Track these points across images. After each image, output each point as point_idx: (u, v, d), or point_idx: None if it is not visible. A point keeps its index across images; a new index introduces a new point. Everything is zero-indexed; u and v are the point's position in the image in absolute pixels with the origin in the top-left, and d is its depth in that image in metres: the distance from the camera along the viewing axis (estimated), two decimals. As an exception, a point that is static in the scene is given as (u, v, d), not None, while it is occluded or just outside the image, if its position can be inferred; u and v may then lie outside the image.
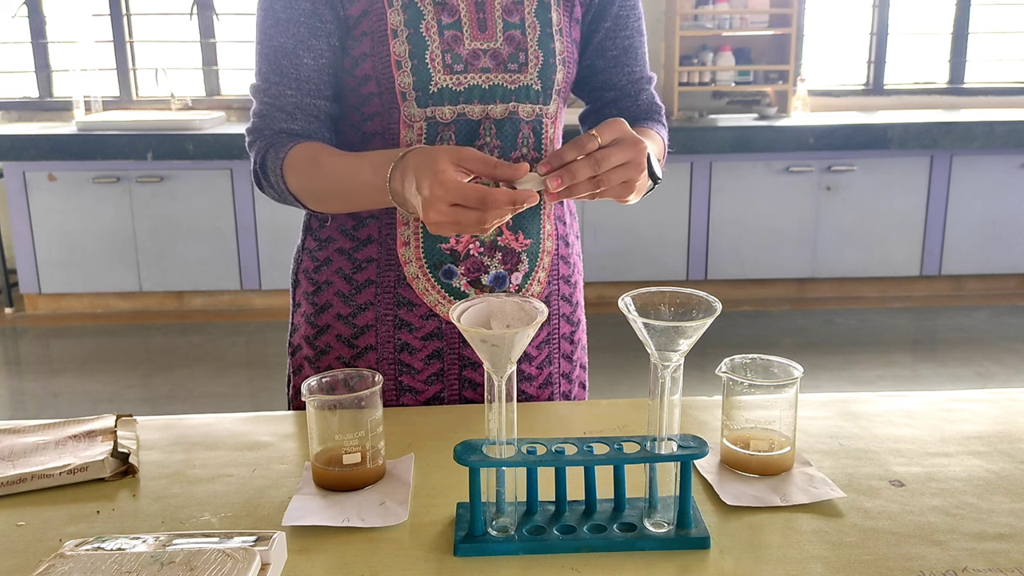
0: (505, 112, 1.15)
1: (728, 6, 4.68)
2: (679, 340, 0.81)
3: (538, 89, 1.16)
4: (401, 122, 1.14)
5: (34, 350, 4.29)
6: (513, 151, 1.17)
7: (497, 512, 0.86)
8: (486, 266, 1.18)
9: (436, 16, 1.12)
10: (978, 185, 4.52)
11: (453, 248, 1.17)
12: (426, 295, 1.19)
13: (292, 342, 1.29)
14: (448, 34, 1.13)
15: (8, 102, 4.95)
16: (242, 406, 3.47)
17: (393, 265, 1.19)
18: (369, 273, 1.20)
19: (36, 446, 1.06)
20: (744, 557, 0.83)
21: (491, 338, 0.80)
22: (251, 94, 1.17)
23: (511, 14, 1.15)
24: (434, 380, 1.22)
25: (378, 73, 1.12)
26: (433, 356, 1.21)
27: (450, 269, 1.18)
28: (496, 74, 1.14)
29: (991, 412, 1.15)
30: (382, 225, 1.19)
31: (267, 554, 0.79)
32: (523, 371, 1.25)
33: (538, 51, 1.15)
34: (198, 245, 4.44)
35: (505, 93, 1.15)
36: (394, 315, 1.20)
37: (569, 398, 1.32)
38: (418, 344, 1.20)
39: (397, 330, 1.20)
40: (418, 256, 1.18)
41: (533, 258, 1.21)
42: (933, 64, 5.11)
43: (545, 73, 1.16)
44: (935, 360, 3.95)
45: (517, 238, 1.19)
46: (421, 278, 1.18)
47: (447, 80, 1.12)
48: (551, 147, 1.21)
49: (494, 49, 1.14)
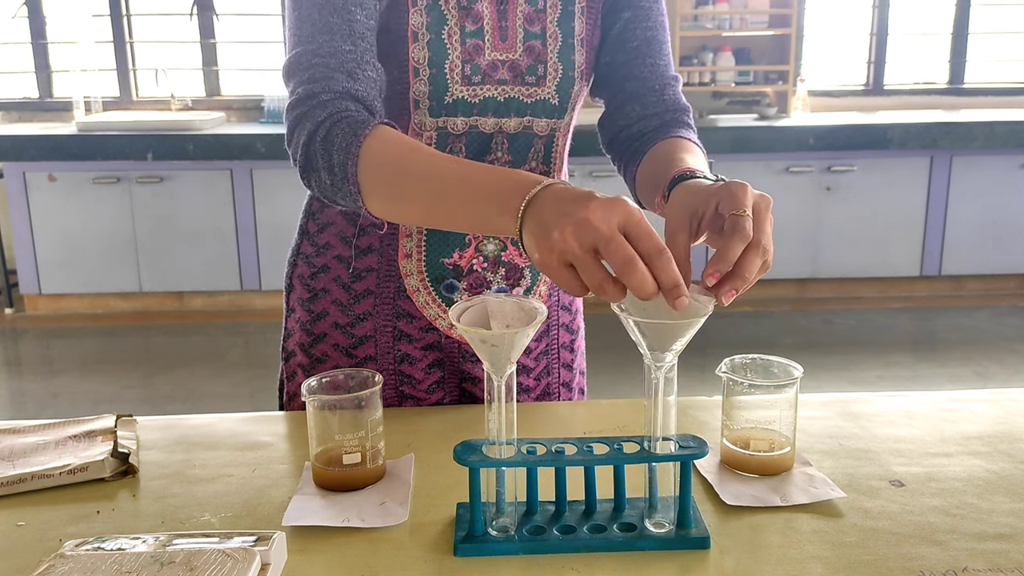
0: (519, 126, 1.11)
1: (728, 6, 4.68)
2: (671, 339, 0.80)
3: (555, 103, 1.12)
4: (410, 129, 1.10)
5: (34, 350, 4.29)
6: (523, 165, 1.13)
7: (497, 512, 0.86)
8: (489, 281, 1.16)
9: (460, 22, 1.06)
10: (978, 185, 4.52)
11: (456, 263, 1.15)
12: (426, 308, 1.17)
13: (286, 347, 1.25)
14: (470, 43, 1.07)
15: (8, 102, 4.95)
16: (242, 406, 3.47)
17: (393, 276, 1.16)
18: (368, 283, 1.17)
19: (36, 446, 1.06)
20: (744, 557, 0.83)
21: (491, 338, 0.80)
22: (288, 73, 1.00)
23: (532, 23, 1.09)
24: (435, 388, 1.20)
25: (393, 77, 1.07)
26: (434, 365, 1.20)
27: (452, 284, 1.16)
28: (513, 87, 1.09)
29: (991, 412, 1.15)
30: (384, 236, 1.16)
31: (267, 554, 0.79)
32: (520, 383, 1.22)
33: (557, 64, 1.11)
34: (198, 245, 4.44)
35: (521, 107, 1.10)
36: (393, 326, 1.18)
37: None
38: (418, 354, 1.19)
39: (397, 341, 1.18)
40: (420, 269, 1.15)
41: (536, 273, 1.20)
42: (933, 64, 5.11)
43: (563, 87, 1.11)
44: (935, 360, 3.95)
45: (521, 253, 1.17)
46: (422, 291, 1.16)
47: (463, 91, 1.07)
48: (559, 160, 1.17)
49: (512, 60, 1.09)
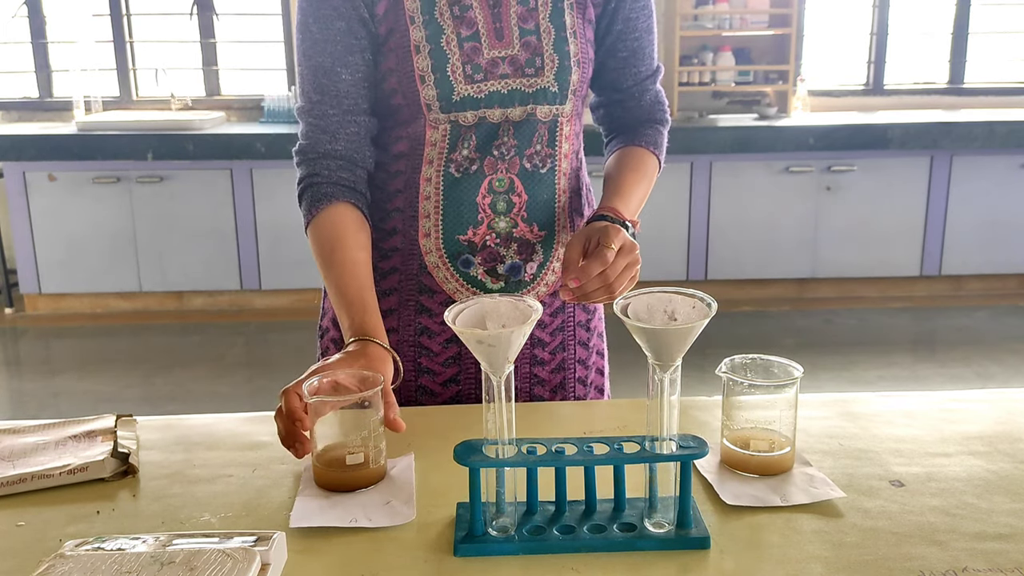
0: (523, 114, 1.21)
1: (728, 6, 4.68)
2: (675, 342, 0.81)
3: (555, 91, 1.21)
4: (427, 126, 1.21)
5: (34, 350, 4.29)
6: (528, 148, 1.22)
7: (497, 512, 0.86)
8: (502, 256, 1.24)
9: (456, 29, 1.18)
10: (978, 185, 4.52)
11: (471, 239, 1.23)
12: (446, 283, 1.24)
13: (321, 325, 1.36)
14: (468, 46, 1.18)
15: (8, 102, 4.95)
16: (242, 406, 3.47)
17: (415, 254, 1.25)
18: (394, 261, 1.26)
19: (36, 446, 1.06)
20: (744, 557, 0.83)
21: (487, 338, 0.81)
22: (297, 116, 1.24)
23: (526, 21, 1.20)
24: (451, 363, 1.27)
25: (403, 87, 1.19)
26: (451, 340, 1.26)
27: (468, 259, 1.23)
28: (514, 79, 1.20)
29: (991, 412, 1.15)
30: (405, 218, 1.24)
31: (267, 554, 0.79)
32: (536, 356, 1.28)
33: (554, 54, 1.21)
34: (198, 245, 4.44)
35: (523, 97, 1.20)
36: (416, 301, 1.26)
37: (585, 384, 1.35)
38: (437, 328, 1.26)
39: (418, 315, 1.26)
40: (438, 247, 1.23)
41: (548, 248, 1.26)
42: (933, 64, 5.11)
43: (561, 75, 1.21)
44: (935, 360, 3.95)
45: (532, 229, 1.24)
46: (441, 267, 1.24)
47: (468, 89, 1.18)
48: (563, 144, 1.25)
49: (512, 56, 1.20)
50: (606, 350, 1.42)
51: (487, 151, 1.21)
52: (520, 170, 1.22)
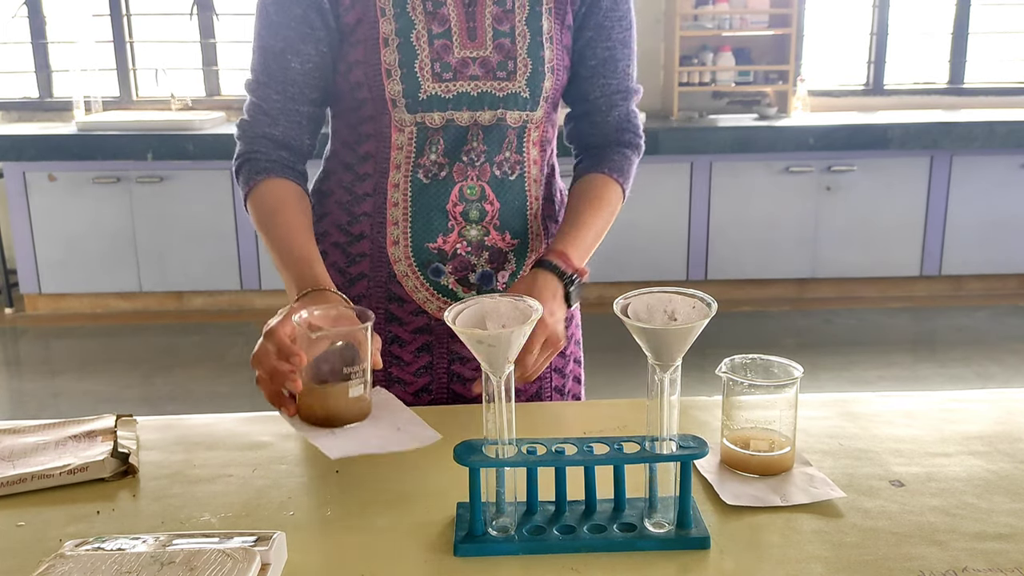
0: (493, 119, 1.18)
1: (728, 6, 4.67)
2: (675, 342, 0.81)
3: (526, 96, 1.18)
4: (392, 127, 1.18)
5: (34, 350, 4.29)
6: (498, 155, 1.20)
7: (497, 512, 0.86)
8: (473, 265, 1.21)
9: (427, 25, 1.15)
10: (978, 185, 4.51)
11: (440, 247, 1.20)
12: (415, 292, 1.22)
13: None
14: (438, 43, 1.15)
15: (8, 102, 4.95)
16: (242, 406, 3.47)
17: (384, 262, 1.22)
18: (363, 267, 1.23)
19: (36, 446, 1.06)
20: (744, 557, 0.83)
21: (487, 339, 0.81)
22: (244, 89, 1.23)
23: (502, 22, 1.17)
24: (423, 372, 1.24)
25: (369, 80, 1.16)
26: (423, 349, 1.24)
27: (438, 268, 1.21)
28: (485, 82, 1.17)
29: (991, 412, 1.15)
30: (374, 223, 1.22)
31: (267, 554, 0.79)
32: None
33: (527, 59, 1.18)
34: (198, 245, 4.44)
35: (493, 100, 1.17)
36: (385, 309, 1.23)
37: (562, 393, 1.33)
38: (408, 337, 1.24)
39: (388, 323, 1.24)
40: (407, 255, 1.21)
41: (521, 257, 1.24)
42: (933, 64, 5.10)
43: (533, 81, 1.18)
44: (935, 360, 3.95)
45: (504, 238, 1.22)
46: (410, 276, 1.21)
47: (436, 88, 1.15)
48: (532, 150, 1.23)
49: (483, 57, 1.17)
50: (583, 357, 1.39)
51: (456, 156, 1.18)
52: (491, 177, 1.19)
